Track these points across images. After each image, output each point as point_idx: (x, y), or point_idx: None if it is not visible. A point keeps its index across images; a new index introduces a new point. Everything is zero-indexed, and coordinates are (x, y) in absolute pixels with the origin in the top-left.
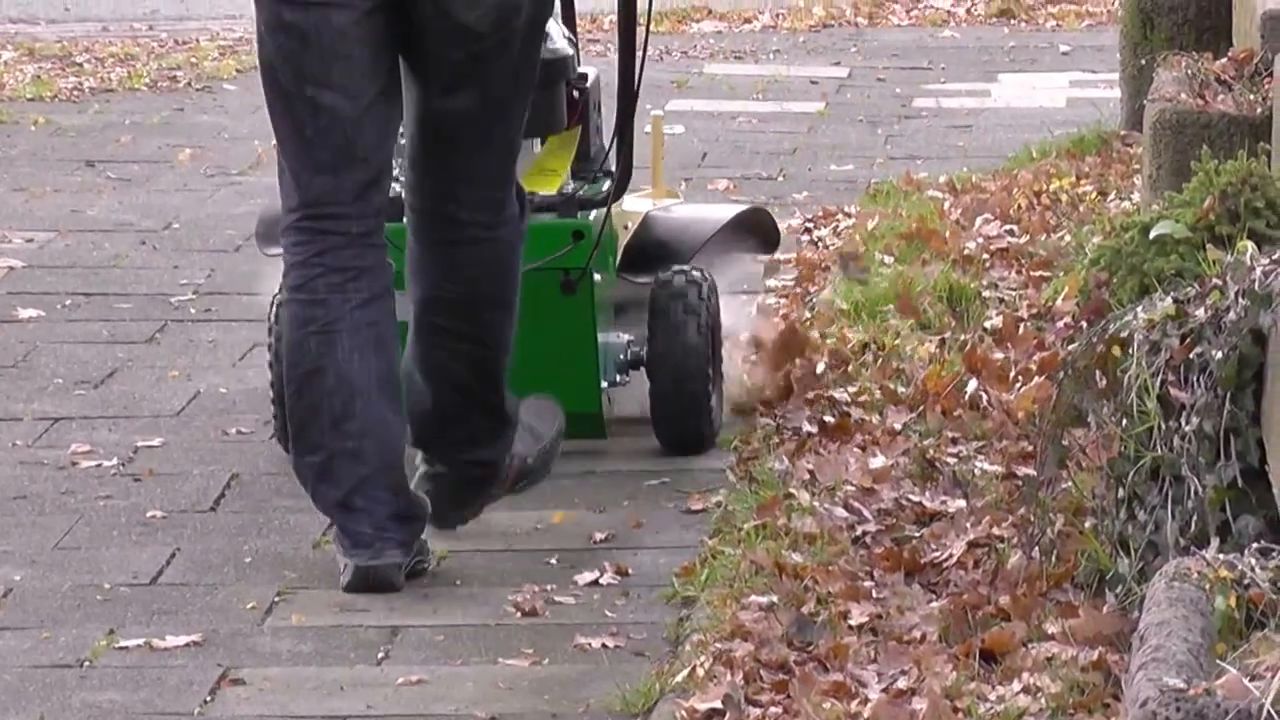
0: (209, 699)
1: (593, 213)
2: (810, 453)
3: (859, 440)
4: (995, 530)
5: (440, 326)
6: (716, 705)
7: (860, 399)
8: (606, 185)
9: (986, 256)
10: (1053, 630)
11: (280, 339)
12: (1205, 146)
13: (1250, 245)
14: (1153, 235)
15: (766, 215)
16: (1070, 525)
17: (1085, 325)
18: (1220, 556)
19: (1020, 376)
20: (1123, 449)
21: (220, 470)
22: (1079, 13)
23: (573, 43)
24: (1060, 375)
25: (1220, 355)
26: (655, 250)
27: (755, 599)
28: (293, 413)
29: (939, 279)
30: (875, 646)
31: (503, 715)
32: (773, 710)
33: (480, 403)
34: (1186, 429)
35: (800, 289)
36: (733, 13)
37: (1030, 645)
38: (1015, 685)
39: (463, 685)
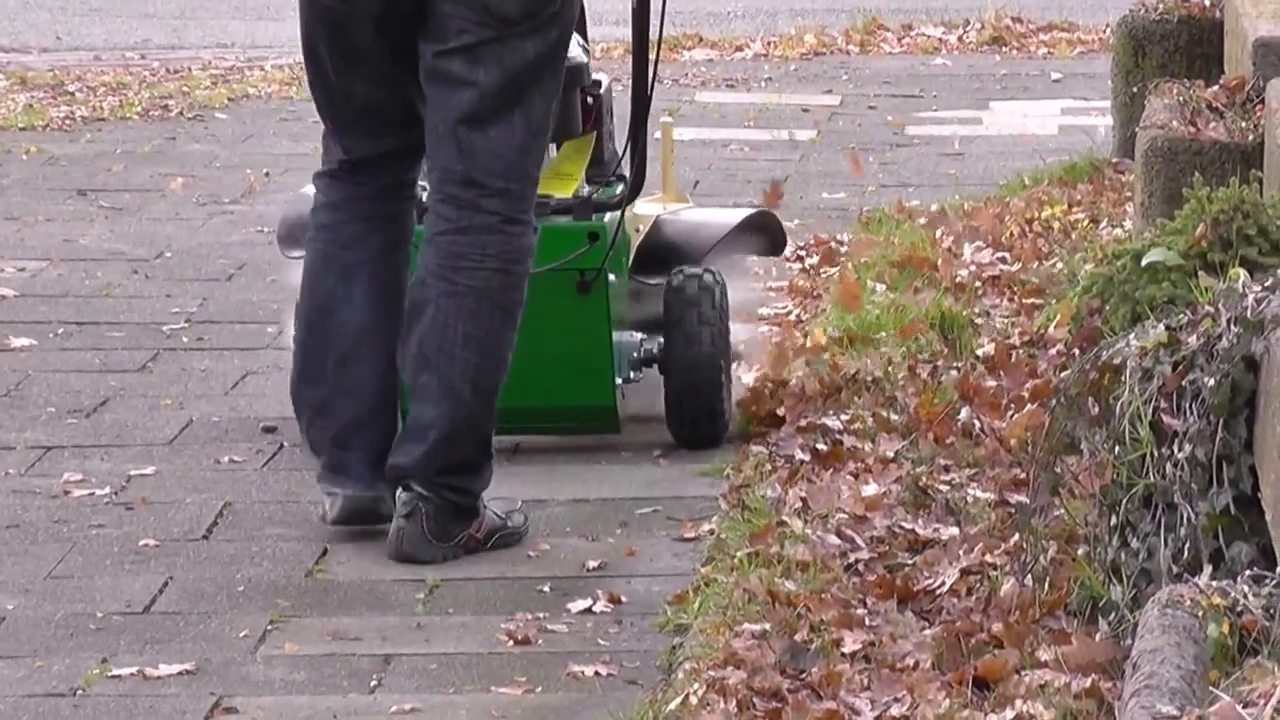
0: None
1: (607, 215)
2: (803, 480)
3: (851, 468)
4: (988, 558)
5: (447, 326)
6: None
7: (853, 426)
8: (620, 189)
9: (979, 284)
10: (1046, 657)
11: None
12: (1197, 174)
13: (1242, 272)
14: (1145, 263)
15: (774, 218)
16: (1063, 552)
17: (1078, 352)
18: (1213, 584)
19: (1013, 404)
20: (1115, 476)
21: (213, 499)
22: (1071, 40)
23: (586, 50)
24: (1053, 402)
25: (1212, 382)
26: (666, 252)
27: (748, 627)
28: (302, 344)
29: (931, 306)
30: (868, 674)
31: None
32: None
33: (473, 429)
34: (1179, 456)
35: (793, 317)
36: (724, 41)
37: (1023, 672)
38: (1008, 712)
39: (456, 714)
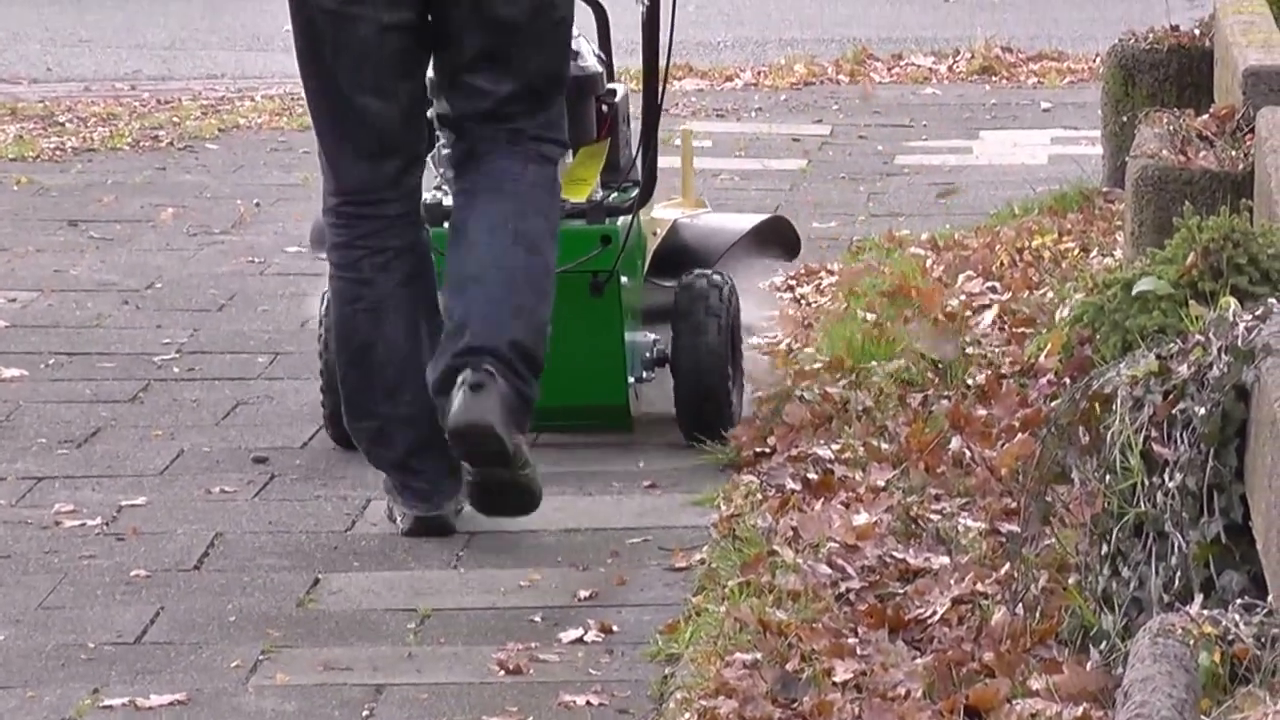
0: None
1: (620, 219)
2: (794, 510)
3: (842, 497)
4: (979, 587)
5: (495, 230)
6: None
7: (843, 456)
8: (633, 193)
9: (969, 313)
10: (1037, 686)
11: (326, 325)
12: (1187, 203)
13: (1233, 301)
14: (1135, 292)
15: (787, 224)
16: (1054, 581)
17: (1068, 382)
18: (1204, 612)
19: (1003, 433)
20: (1106, 505)
21: (204, 529)
22: (1060, 70)
23: (603, 61)
24: (1043, 432)
25: (1203, 411)
26: (682, 256)
27: (739, 656)
28: (345, 381)
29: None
30: (860, 703)
31: None
32: None
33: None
34: (1170, 485)
35: (784, 346)
36: (714, 71)
37: (1015, 701)
38: None
39: None
